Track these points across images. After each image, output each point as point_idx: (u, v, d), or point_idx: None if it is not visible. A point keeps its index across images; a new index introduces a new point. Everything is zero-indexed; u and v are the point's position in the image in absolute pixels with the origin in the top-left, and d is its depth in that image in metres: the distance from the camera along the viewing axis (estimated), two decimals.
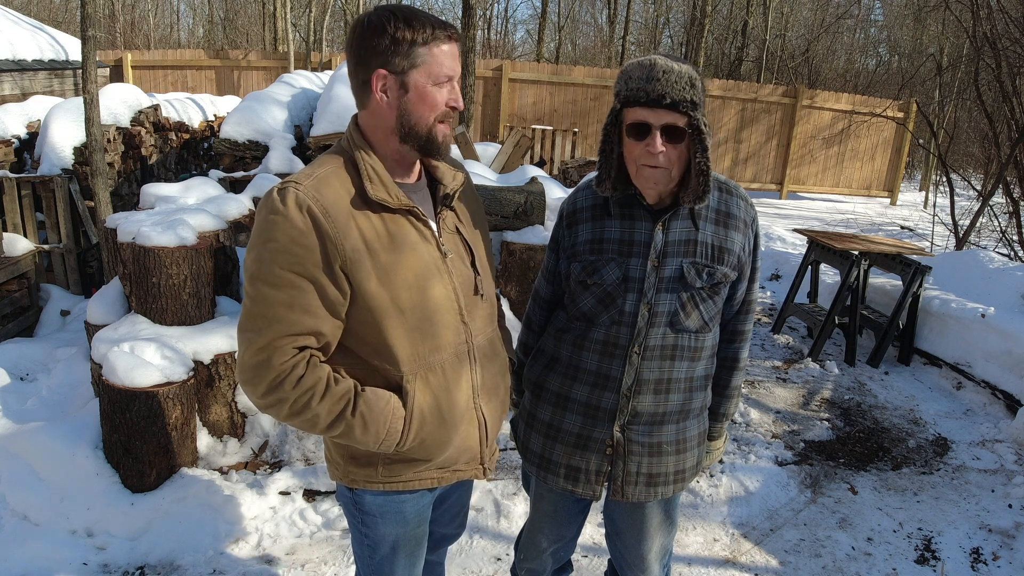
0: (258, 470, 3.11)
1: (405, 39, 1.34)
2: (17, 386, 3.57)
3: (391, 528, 1.59)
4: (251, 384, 1.37)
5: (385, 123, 1.40)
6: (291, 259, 1.32)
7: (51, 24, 13.98)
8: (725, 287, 1.64)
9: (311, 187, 1.35)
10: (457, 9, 26.68)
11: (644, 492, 1.71)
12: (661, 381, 1.64)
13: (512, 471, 3.29)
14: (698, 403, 1.72)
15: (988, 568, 2.87)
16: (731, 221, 1.62)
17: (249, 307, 1.36)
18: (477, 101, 11.44)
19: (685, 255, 1.58)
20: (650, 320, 1.59)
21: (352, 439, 1.42)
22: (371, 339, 1.41)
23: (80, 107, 5.64)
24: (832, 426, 3.97)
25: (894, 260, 4.88)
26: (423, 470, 1.54)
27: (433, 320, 1.45)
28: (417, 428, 1.45)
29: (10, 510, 2.77)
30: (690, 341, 1.64)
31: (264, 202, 1.37)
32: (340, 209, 1.35)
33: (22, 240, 5.01)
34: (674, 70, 1.44)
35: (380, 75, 1.36)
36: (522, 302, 3.60)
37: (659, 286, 1.58)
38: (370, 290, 1.37)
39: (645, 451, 1.68)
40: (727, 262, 1.61)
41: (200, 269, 3.13)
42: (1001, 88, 6.79)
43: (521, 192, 3.65)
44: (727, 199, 1.64)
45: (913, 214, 11.51)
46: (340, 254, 1.34)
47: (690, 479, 1.78)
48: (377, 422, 1.40)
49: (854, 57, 22.65)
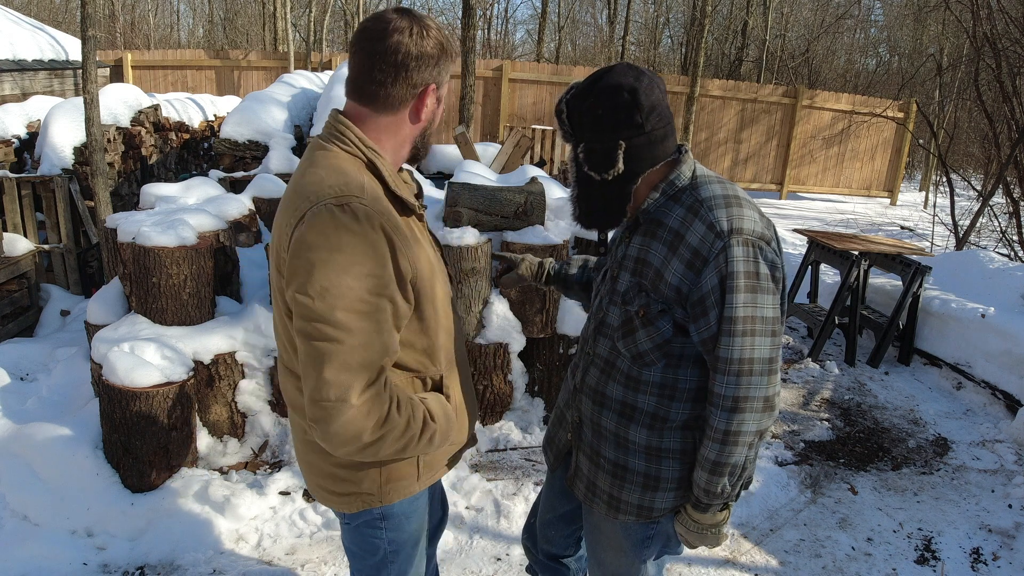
0: (258, 470, 3.11)
1: (451, 52, 1.36)
2: (17, 386, 3.57)
3: (416, 524, 1.60)
4: (356, 432, 1.23)
5: (410, 132, 1.40)
6: (379, 282, 1.24)
7: (51, 24, 13.99)
8: (662, 319, 1.45)
9: (372, 200, 1.26)
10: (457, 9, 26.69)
11: (584, 494, 1.70)
12: (597, 392, 1.61)
13: (512, 471, 3.29)
14: (642, 440, 1.54)
15: (988, 568, 2.87)
16: (679, 246, 1.41)
17: (349, 343, 1.20)
18: (477, 101, 11.43)
19: (633, 273, 1.51)
20: (599, 327, 1.62)
21: (431, 445, 1.41)
22: (422, 343, 1.42)
23: (80, 107, 5.64)
24: (832, 426, 3.97)
25: (894, 260, 4.88)
26: (456, 453, 1.62)
27: (449, 315, 1.52)
28: (460, 414, 1.55)
29: (10, 510, 2.77)
30: (625, 366, 1.54)
31: (328, 222, 1.21)
32: (396, 219, 1.29)
33: (22, 240, 5.01)
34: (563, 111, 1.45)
35: (431, 91, 1.36)
36: (522, 302, 3.60)
37: (611, 298, 1.59)
38: (422, 296, 1.37)
39: (588, 453, 1.67)
40: (660, 292, 1.44)
41: (200, 269, 3.13)
42: (1001, 88, 6.79)
43: (521, 192, 3.65)
44: (689, 221, 1.41)
45: (913, 214, 11.51)
46: (413, 267, 1.30)
47: (629, 514, 1.60)
48: (443, 419, 1.43)
49: (854, 57, 22.65)
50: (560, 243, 3.59)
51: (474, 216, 3.54)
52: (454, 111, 11.62)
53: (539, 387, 3.80)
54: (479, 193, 3.57)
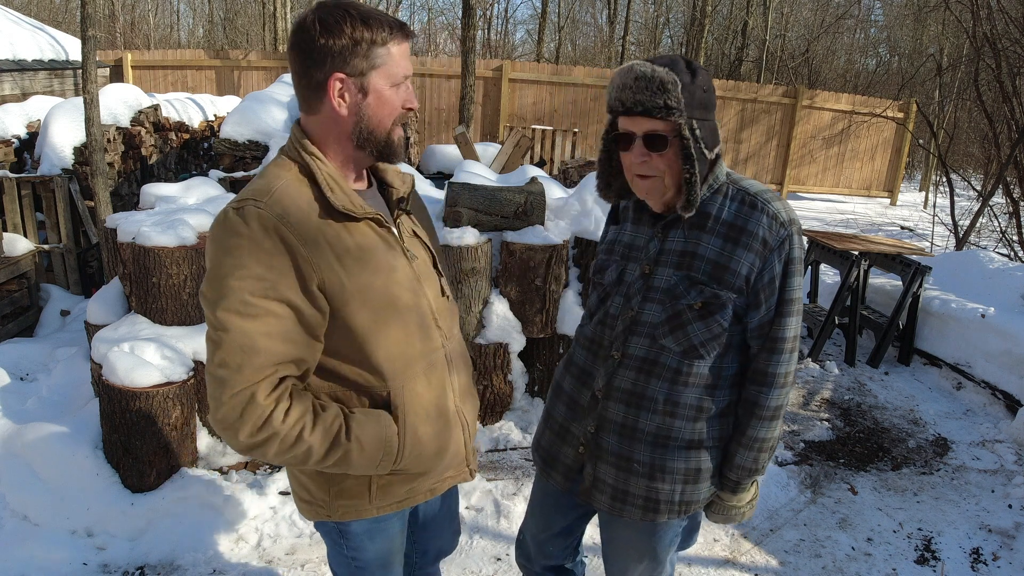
0: (258, 470, 3.11)
1: (364, 39, 1.25)
2: (17, 386, 3.57)
3: (380, 546, 1.56)
4: (233, 428, 1.23)
5: (341, 129, 1.32)
6: (264, 285, 1.21)
7: (51, 24, 13.98)
8: (722, 311, 1.48)
9: (273, 203, 1.24)
10: (457, 9, 26.69)
11: (609, 504, 1.63)
12: (633, 394, 1.55)
13: (512, 471, 3.29)
14: (685, 434, 1.55)
15: (988, 568, 2.87)
16: (743, 238, 1.45)
17: (221, 343, 1.22)
18: (477, 101, 11.43)
19: (679, 267, 1.49)
20: (631, 327, 1.55)
21: (349, 466, 1.34)
22: (353, 355, 1.34)
23: (80, 107, 5.63)
24: (832, 426, 3.97)
25: (894, 260, 4.88)
26: (418, 483, 1.49)
27: (411, 328, 1.40)
28: (412, 441, 1.40)
29: (10, 510, 2.77)
30: (673, 361, 1.51)
31: (221, 225, 1.25)
32: (308, 224, 1.26)
33: (22, 240, 5.01)
34: (646, 76, 1.37)
35: (337, 78, 1.27)
36: (522, 302, 3.60)
37: (646, 295, 1.53)
38: (348, 305, 1.30)
39: (614, 461, 1.60)
40: (725, 283, 1.46)
41: (200, 269, 3.13)
42: (1001, 88, 6.79)
43: (521, 192, 3.65)
44: (747, 213, 1.47)
45: (913, 214, 11.51)
46: (316, 272, 1.25)
47: (667, 514, 1.61)
48: (373, 441, 1.33)
49: (854, 57, 22.64)
50: (560, 243, 3.59)
51: (474, 216, 3.54)
52: (454, 111, 11.61)
53: (539, 387, 3.80)
54: (479, 193, 3.57)
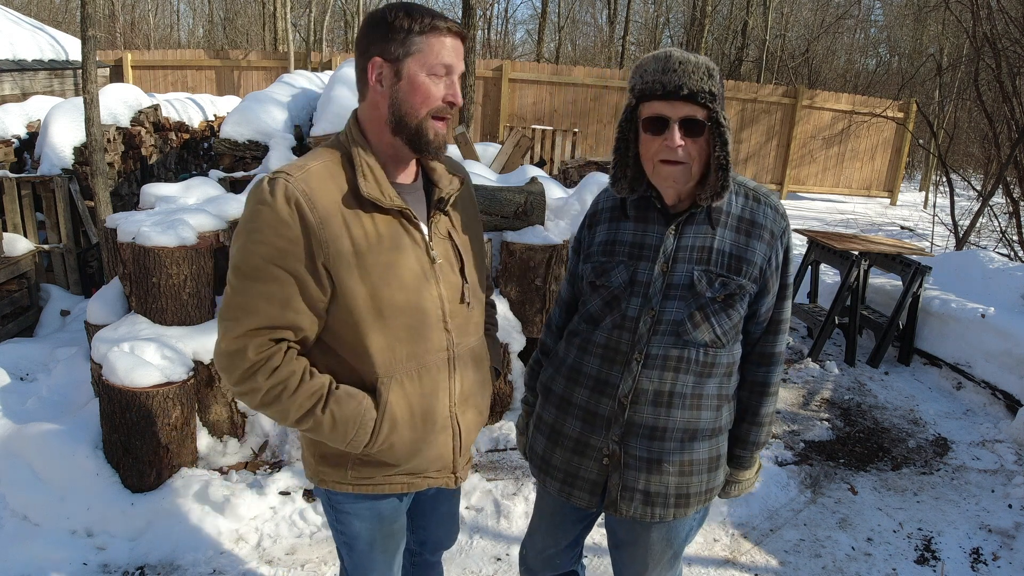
0: (258, 470, 3.11)
1: (402, 27, 1.34)
2: (17, 386, 3.57)
3: (366, 525, 1.59)
4: (226, 371, 1.37)
5: (380, 113, 1.39)
6: (273, 252, 1.31)
7: (51, 24, 13.98)
8: (742, 300, 1.54)
9: (301, 179, 1.33)
10: (457, 9, 26.67)
11: (640, 510, 1.61)
12: (662, 393, 1.55)
13: (512, 471, 3.29)
14: (709, 423, 1.59)
15: (988, 568, 2.87)
16: (754, 230, 1.53)
17: (230, 295, 1.35)
18: (477, 101, 11.44)
19: (698, 262, 1.51)
20: (653, 327, 1.53)
21: (320, 435, 1.41)
22: (349, 338, 1.40)
23: (80, 107, 5.63)
24: (832, 426, 3.97)
25: (894, 260, 4.88)
26: (392, 474, 1.52)
27: (414, 326, 1.43)
28: (387, 432, 1.43)
29: (10, 510, 2.77)
30: (699, 355, 1.54)
31: (253, 191, 1.35)
32: (329, 204, 1.33)
33: (22, 240, 5.01)
34: (691, 61, 1.41)
35: (376, 63, 1.36)
36: (522, 302, 3.60)
37: (666, 292, 1.52)
38: (352, 290, 1.36)
39: (644, 466, 1.59)
40: (745, 273, 1.52)
41: (200, 269, 3.13)
42: (1001, 88, 6.79)
43: (521, 192, 3.65)
44: (753, 207, 1.55)
45: (913, 214, 11.51)
46: (324, 251, 1.32)
47: (695, 505, 1.65)
48: (347, 421, 1.39)
49: (854, 57, 22.65)
50: (560, 243, 3.59)
51: None
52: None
53: None
54: (479, 193, 3.57)
